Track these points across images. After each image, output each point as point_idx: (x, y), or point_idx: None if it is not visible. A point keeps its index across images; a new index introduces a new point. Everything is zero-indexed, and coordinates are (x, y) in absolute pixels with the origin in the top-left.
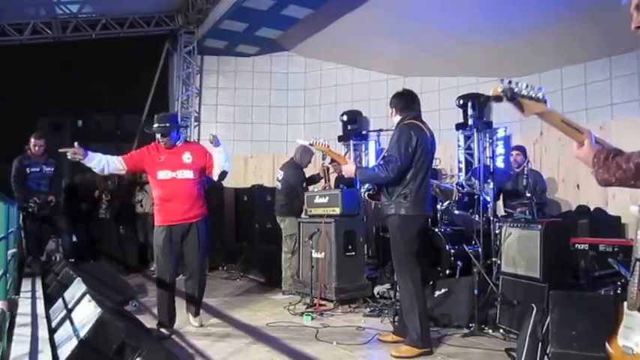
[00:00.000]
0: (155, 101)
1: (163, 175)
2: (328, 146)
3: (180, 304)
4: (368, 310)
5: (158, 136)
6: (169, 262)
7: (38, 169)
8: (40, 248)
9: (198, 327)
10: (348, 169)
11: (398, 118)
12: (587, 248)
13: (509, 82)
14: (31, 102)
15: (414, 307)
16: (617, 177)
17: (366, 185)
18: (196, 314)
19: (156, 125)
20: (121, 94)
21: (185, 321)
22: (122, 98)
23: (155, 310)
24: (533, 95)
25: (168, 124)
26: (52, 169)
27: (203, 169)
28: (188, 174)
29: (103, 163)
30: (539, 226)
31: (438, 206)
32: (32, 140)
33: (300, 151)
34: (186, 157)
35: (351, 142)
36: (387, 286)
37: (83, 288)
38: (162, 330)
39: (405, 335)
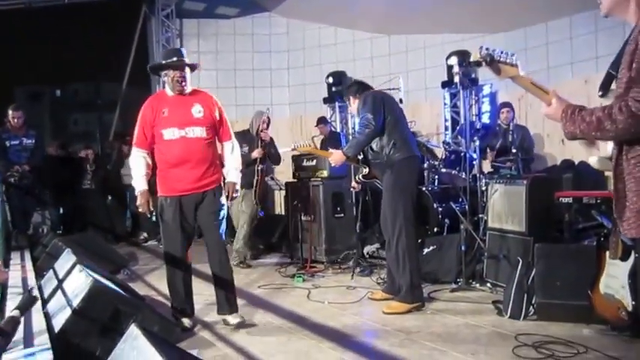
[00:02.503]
0: (135, 68)
1: (170, 134)
2: (311, 146)
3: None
4: (358, 270)
5: (170, 74)
6: (178, 240)
7: (18, 142)
8: (25, 221)
9: (237, 325)
10: (336, 157)
11: (357, 101)
12: (571, 201)
13: (487, 49)
14: (5, 72)
15: (406, 263)
16: (582, 129)
17: (361, 172)
18: (232, 311)
19: (174, 59)
20: (100, 62)
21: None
22: (100, 65)
23: (148, 278)
24: (508, 60)
25: (184, 59)
26: (33, 140)
27: (214, 127)
28: (199, 132)
29: (146, 171)
30: (525, 182)
31: (425, 165)
32: (10, 113)
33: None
34: (197, 111)
35: (337, 103)
36: (377, 245)
37: (73, 258)
38: (183, 319)
39: (393, 292)
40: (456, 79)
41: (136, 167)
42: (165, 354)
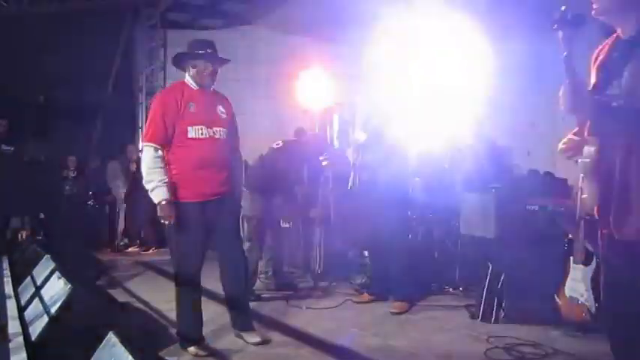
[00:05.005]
0: (119, 76)
1: (197, 132)
2: None
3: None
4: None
5: (201, 66)
6: (200, 254)
7: None
8: (3, 226)
9: (258, 344)
10: None
11: None
12: (537, 209)
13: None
14: None
15: (407, 265)
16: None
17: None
18: (252, 326)
19: (208, 50)
20: (84, 69)
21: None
22: (85, 73)
23: (128, 285)
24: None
25: (217, 54)
26: (11, 148)
27: (233, 132)
28: (225, 134)
29: (167, 176)
30: (494, 191)
31: None
32: None
33: None
34: (221, 111)
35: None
36: (355, 251)
37: (52, 265)
38: (190, 349)
39: (380, 293)
40: None
41: (155, 170)
42: None
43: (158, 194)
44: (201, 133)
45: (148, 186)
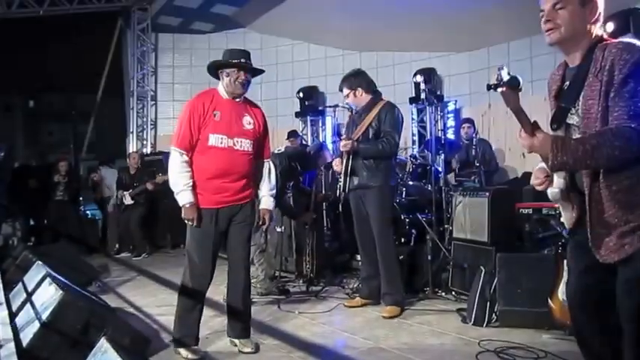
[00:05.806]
0: (110, 80)
1: (217, 140)
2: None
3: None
4: (330, 279)
5: (234, 75)
6: (210, 260)
7: None
8: None
9: (252, 352)
10: (347, 142)
11: (367, 96)
12: (530, 212)
13: (509, 73)
14: None
15: (397, 270)
16: (576, 157)
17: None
18: (247, 335)
19: (242, 60)
20: (74, 73)
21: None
22: (75, 77)
23: (120, 290)
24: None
25: (251, 64)
26: (2, 154)
27: (259, 142)
28: (247, 145)
29: (192, 180)
30: (487, 194)
31: None
32: None
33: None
34: (247, 122)
35: (308, 117)
36: (347, 256)
37: (43, 271)
38: (182, 350)
39: (372, 297)
40: (423, 95)
41: (180, 174)
42: None
43: (183, 197)
44: (221, 142)
45: (174, 189)
